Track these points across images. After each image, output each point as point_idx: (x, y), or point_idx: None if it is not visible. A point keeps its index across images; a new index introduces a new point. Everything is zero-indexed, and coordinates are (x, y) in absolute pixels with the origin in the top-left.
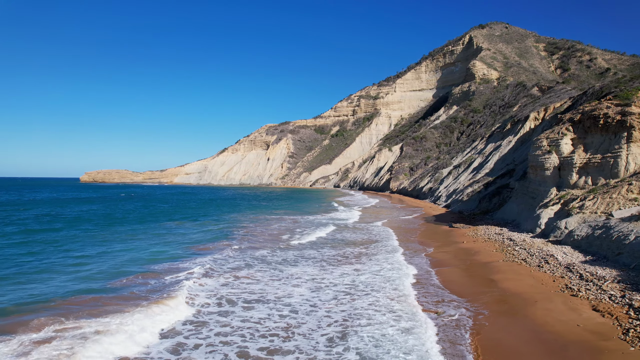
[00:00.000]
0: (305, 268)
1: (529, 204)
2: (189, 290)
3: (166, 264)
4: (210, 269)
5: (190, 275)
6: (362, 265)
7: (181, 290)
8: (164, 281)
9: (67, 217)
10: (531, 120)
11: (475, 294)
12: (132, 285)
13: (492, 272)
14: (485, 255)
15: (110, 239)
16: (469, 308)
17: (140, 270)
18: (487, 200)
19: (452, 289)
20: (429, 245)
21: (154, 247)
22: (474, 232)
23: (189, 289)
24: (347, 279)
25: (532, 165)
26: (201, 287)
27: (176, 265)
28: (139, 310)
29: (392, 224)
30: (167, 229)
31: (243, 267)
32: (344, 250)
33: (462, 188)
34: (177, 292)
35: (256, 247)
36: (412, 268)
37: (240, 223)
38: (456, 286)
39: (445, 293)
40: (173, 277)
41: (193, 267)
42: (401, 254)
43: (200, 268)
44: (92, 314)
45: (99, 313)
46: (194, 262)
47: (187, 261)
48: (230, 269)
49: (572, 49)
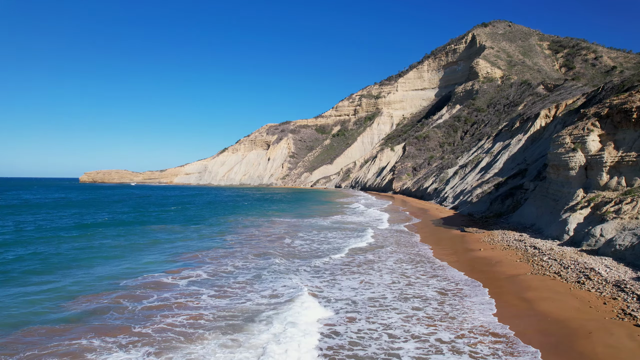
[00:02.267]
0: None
1: (551, 206)
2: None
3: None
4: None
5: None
6: (369, 276)
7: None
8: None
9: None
10: (542, 117)
11: (511, 318)
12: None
13: (523, 289)
14: (509, 266)
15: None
16: (513, 341)
17: (109, 288)
18: (500, 202)
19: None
20: (440, 253)
21: (137, 259)
22: (490, 237)
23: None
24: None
25: (553, 165)
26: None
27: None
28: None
29: (399, 227)
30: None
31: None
32: (354, 258)
33: (470, 189)
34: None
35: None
36: (431, 281)
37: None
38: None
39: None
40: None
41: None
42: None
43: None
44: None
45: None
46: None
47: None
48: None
49: (577, 47)
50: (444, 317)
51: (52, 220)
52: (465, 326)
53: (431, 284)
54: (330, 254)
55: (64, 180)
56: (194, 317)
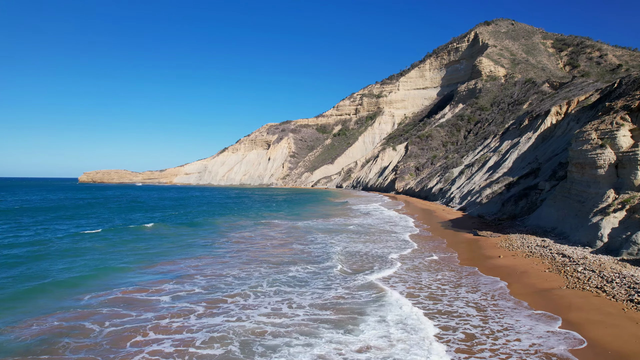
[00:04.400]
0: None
1: (575, 209)
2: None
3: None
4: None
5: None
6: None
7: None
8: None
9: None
10: (552, 115)
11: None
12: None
13: (563, 308)
14: (538, 278)
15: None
16: None
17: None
18: (513, 203)
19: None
20: (457, 261)
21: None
22: (507, 242)
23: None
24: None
25: (577, 163)
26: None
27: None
28: None
29: (406, 231)
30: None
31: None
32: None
33: (478, 189)
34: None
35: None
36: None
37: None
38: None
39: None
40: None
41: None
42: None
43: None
44: None
45: None
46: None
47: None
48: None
49: (582, 46)
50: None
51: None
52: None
53: (462, 296)
54: (331, 256)
55: (63, 181)
56: (181, 344)
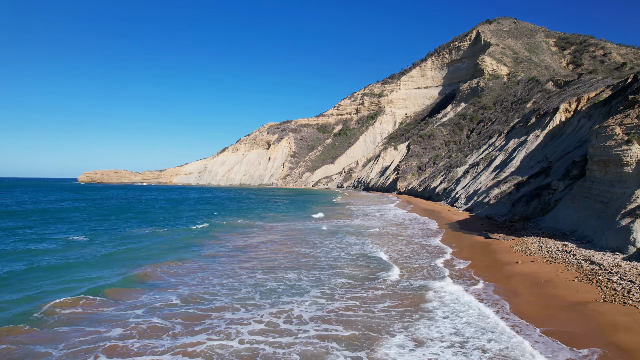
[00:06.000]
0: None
1: (598, 210)
2: None
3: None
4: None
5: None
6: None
7: None
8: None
9: None
10: (561, 112)
11: None
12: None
13: (607, 329)
14: (566, 289)
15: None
16: None
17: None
18: (524, 204)
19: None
20: (470, 268)
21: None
22: (523, 246)
23: None
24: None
25: (598, 161)
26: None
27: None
28: None
29: (415, 234)
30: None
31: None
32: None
33: (484, 189)
34: None
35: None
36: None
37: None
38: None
39: None
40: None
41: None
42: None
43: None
44: None
45: None
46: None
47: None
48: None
49: (585, 44)
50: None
51: None
52: None
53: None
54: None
55: (62, 181)
56: None
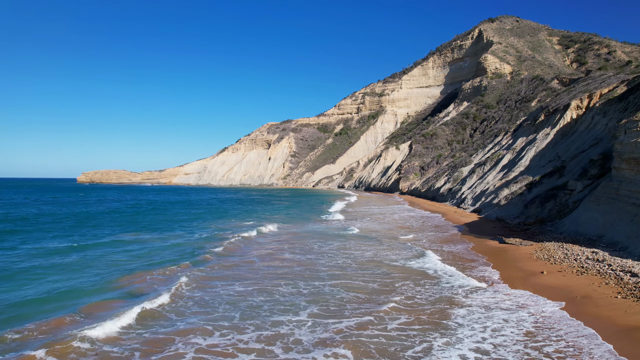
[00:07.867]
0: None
1: (629, 213)
2: None
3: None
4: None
5: None
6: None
7: None
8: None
9: None
10: (572, 109)
11: None
12: None
13: None
14: (612, 309)
15: None
16: None
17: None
18: (538, 205)
19: None
20: (489, 278)
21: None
22: (544, 252)
23: None
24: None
25: (628, 159)
26: None
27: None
28: None
29: (424, 238)
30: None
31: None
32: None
33: (493, 189)
34: None
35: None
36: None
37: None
38: None
39: None
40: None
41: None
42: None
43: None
44: None
45: None
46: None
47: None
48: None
49: (589, 42)
50: None
51: None
52: None
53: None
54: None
55: (61, 181)
56: None
